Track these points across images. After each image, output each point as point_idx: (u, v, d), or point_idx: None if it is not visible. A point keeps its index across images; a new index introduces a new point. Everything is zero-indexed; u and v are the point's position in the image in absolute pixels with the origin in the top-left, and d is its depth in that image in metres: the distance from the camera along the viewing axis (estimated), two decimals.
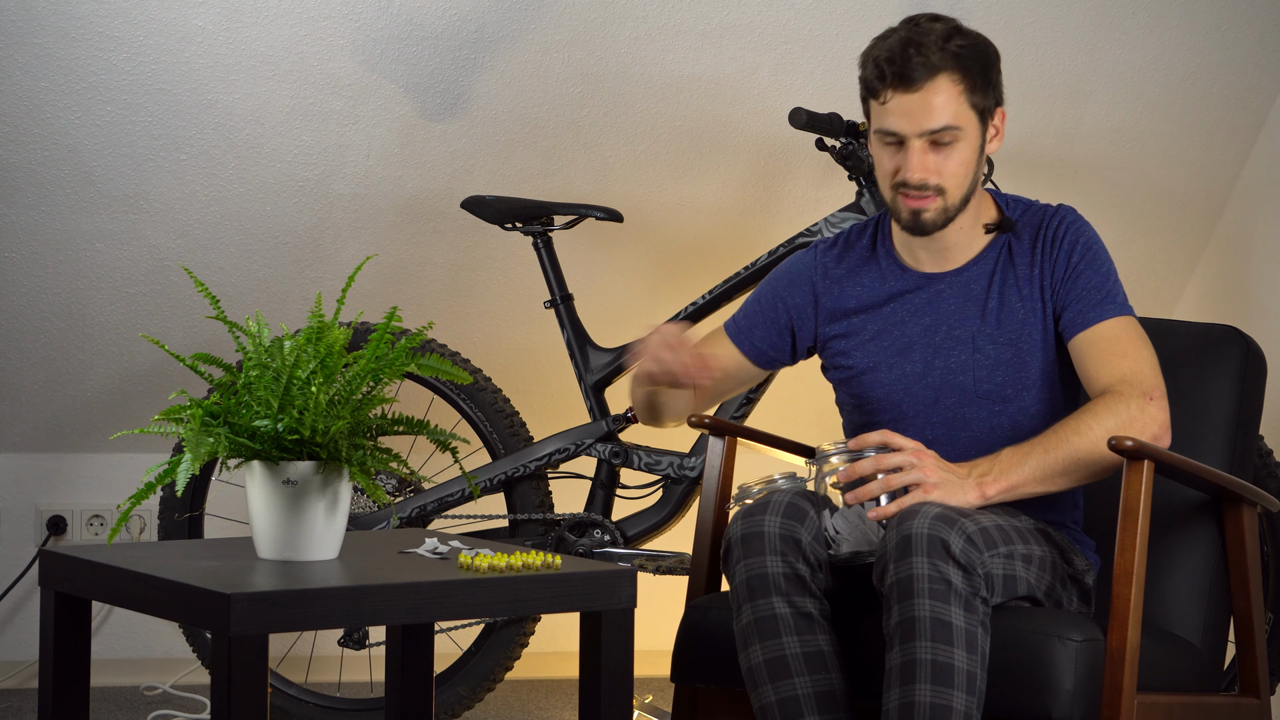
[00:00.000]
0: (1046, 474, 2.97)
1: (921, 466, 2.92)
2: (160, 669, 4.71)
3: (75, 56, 4.10)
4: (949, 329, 3.13)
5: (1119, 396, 2.99)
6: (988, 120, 3.10)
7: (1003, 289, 3.12)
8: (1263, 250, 4.69)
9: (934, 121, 3.03)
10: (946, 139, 3.05)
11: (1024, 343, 3.10)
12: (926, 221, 3.09)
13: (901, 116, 3.04)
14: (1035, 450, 2.97)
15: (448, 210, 4.42)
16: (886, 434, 2.94)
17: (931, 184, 3.06)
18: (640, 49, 4.32)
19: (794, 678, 2.89)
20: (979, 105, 3.07)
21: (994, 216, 3.16)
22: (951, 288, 3.15)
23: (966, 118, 3.06)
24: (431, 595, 2.66)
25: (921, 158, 3.05)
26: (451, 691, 4.16)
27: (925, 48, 3.03)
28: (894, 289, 3.18)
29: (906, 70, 3.02)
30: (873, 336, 3.17)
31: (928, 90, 3.03)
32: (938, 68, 3.03)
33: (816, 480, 2.99)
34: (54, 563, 2.86)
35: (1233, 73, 4.60)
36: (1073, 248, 3.11)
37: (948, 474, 2.94)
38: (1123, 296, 3.09)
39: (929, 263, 3.17)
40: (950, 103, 3.04)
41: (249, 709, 2.53)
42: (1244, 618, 3.16)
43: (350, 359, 2.81)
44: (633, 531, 4.11)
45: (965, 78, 3.05)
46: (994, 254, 3.15)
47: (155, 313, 4.48)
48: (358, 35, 4.19)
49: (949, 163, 3.06)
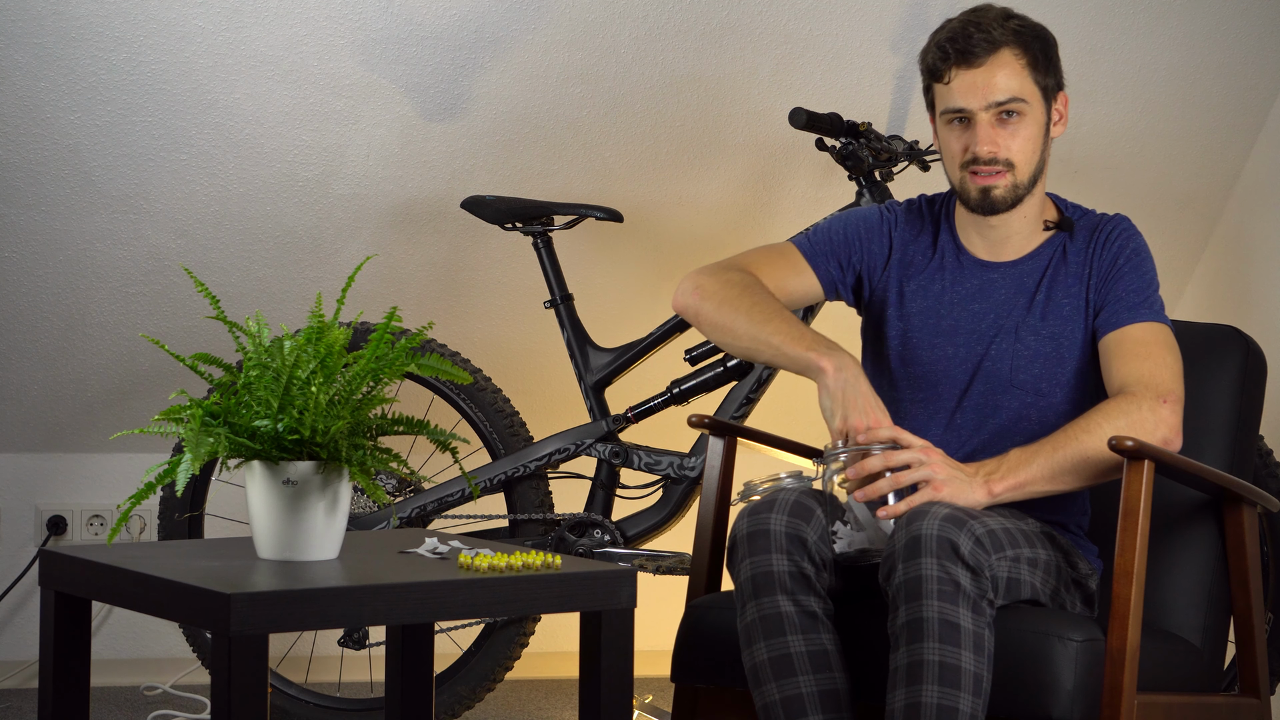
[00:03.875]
0: (1054, 472, 2.97)
1: (930, 464, 2.92)
2: (160, 669, 4.71)
3: (75, 56, 4.10)
4: (995, 318, 3.14)
5: (1131, 398, 2.99)
6: (1051, 101, 3.13)
7: (1052, 285, 3.14)
8: (1263, 250, 4.69)
9: (999, 94, 3.07)
10: (1013, 110, 3.08)
11: (1065, 339, 3.12)
12: (997, 199, 3.11)
13: (967, 91, 3.07)
14: (1043, 449, 2.97)
15: (447, 210, 4.42)
16: (897, 431, 2.94)
17: (1001, 158, 3.09)
18: (640, 49, 4.32)
19: (798, 676, 2.89)
20: (1041, 83, 3.11)
21: (1054, 216, 3.18)
22: (1005, 278, 3.16)
23: (1031, 92, 3.09)
24: (431, 595, 2.66)
25: (990, 131, 3.08)
26: (451, 691, 4.16)
27: (986, 25, 3.08)
28: (950, 270, 3.19)
29: (969, 46, 3.07)
30: (919, 311, 3.18)
31: (991, 64, 3.07)
32: (999, 42, 3.07)
33: (824, 479, 2.99)
34: (54, 563, 2.86)
35: (1233, 73, 4.60)
36: (1120, 251, 3.13)
37: (955, 472, 2.94)
38: (1160, 306, 3.11)
39: (986, 251, 3.18)
40: (1014, 76, 3.08)
41: (249, 709, 2.53)
42: (1244, 618, 3.16)
43: (350, 359, 2.81)
44: (633, 531, 4.11)
45: (1027, 53, 3.09)
46: (1049, 251, 3.17)
47: (155, 313, 4.48)
48: (358, 35, 4.19)
49: (1016, 138, 3.09)
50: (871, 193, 4.01)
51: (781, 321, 3.07)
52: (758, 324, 3.08)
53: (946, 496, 2.91)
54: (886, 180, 4.06)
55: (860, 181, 4.01)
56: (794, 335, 3.04)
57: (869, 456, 2.94)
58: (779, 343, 3.05)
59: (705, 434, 3.65)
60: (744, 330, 3.09)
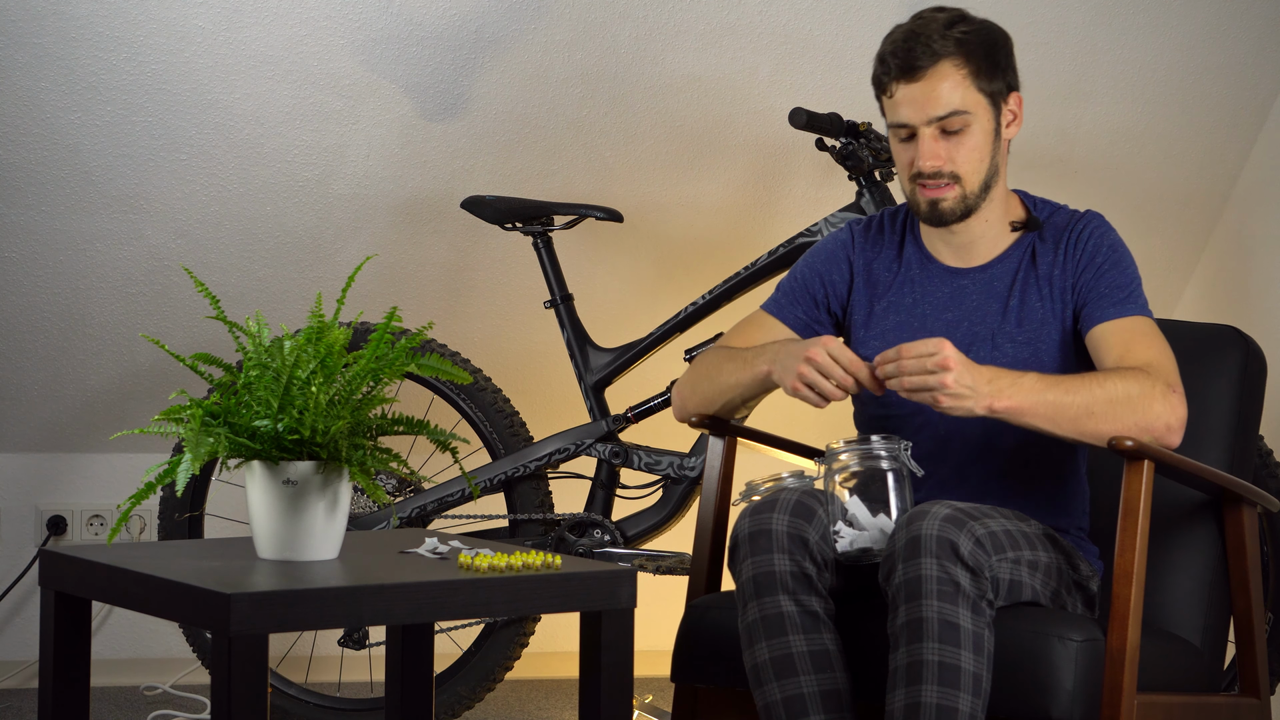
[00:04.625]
0: (1056, 413, 2.93)
1: (941, 376, 2.88)
2: (160, 669, 4.71)
3: (75, 56, 4.10)
4: (970, 325, 3.13)
5: (1147, 375, 2.97)
6: (1000, 105, 3.10)
7: (1024, 288, 3.12)
8: (1263, 250, 4.69)
9: (939, 108, 3.04)
10: (956, 125, 3.05)
11: (1042, 343, 3.10)
12: (945, 211, 3.08)
13: (908, 106, 3.05)
14: (1058, 386, 2.94)
15: (447, 210, 4.42)
16: (904, 345, 2.92)
17: (945, 171, 3.06)
18: (640, 49, 4.32)
19: (799, 676, 2.89)
20: (987, 89, 3.07)
21: (1021, 216, 3.16)
22: (975, 284, 3.15)
23: (974, 102, 3.06)
24: (431, 595, 2.66)
25: (932, 145, 3.05)
26: (451, 691, 4.16)
27: (927, 36, 3.04)
28: (920, 281, 3.17)
29: (910, 60, 3.04)
30: (894, 326, 3.17)
31: (931, 77, 3.04)
32: (939, 54, 3.04)
33: (825, 478, 2.99)
34: (54, 563, 2.86)
35: (1233, 73, 4.60)
36: (1097, 250, 3.10)
37: (965, 388, 2.89)
38: (1145, 301, 3.09)
39: (954, 258, 3.17)
40: (955, 88, 3.04)
41: (249, 709, 2.52)
42: (1244, 618, 3.16)
43: (350, 359, 2.81)
44: (633, 531, 4.11)
45: (969, 62, 3.05)
46: (1018, 253, 3.14)
47: (155, 313, 4.48)
48: (358, 35, 4.19)
49: (961, 149, 3.06)
50: (871, 193, 4.01)
51: (732, 362, 3.15)
52: (718, 378, 3.17)
53: (944, 408, 2.89)
54: (886, 180, 4.06)
55: (860, 181, 4.01)
56: (742, 363, 3.13)
57: (875, 450, 2.94)
58: (735, 380, 3.15)
59: (705, 434, 3.65)
60: (713, 392, 3.20)
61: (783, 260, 4.03)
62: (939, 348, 2.88)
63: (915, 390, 2.89)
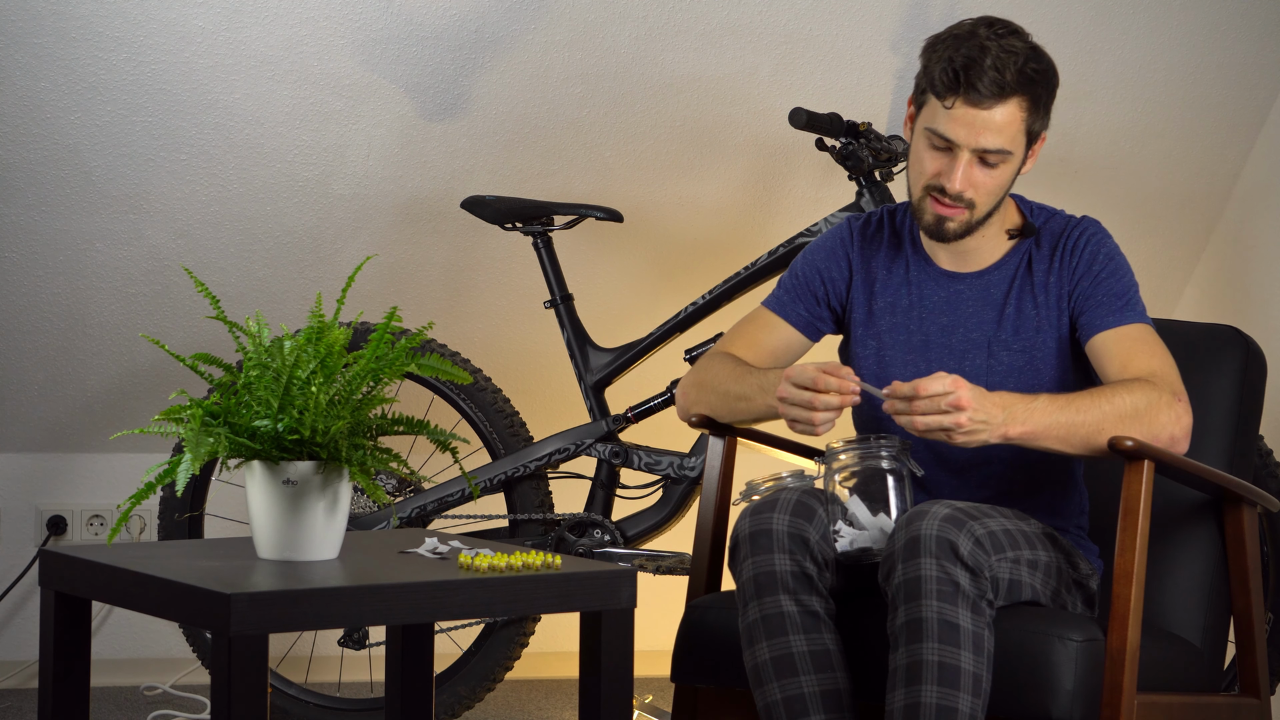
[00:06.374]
0: (1069, 434, 2.93)
1: (956, 417, 2.87)
2: (160, 669, 4.71)
3: (75, 56, 4.10)
4: (966, 332, 3.12)
5: (1153, 386, 2.97)
6: (1031, 145, 3.08)
7: (1020, 296, 3.12)
8: (1263, 250, 4.69)
9: (993, 142, 3.01)
10: (995, 160, 3.03)
11: (1038, 350, 3.10)
12: (949, 230, 3.07)
13: (964, 127, 3.01)
14: (1070, 407, 2.93)
15: (447, 210, 4.42)
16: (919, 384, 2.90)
17: (966, 197, 3.05)
18: (640, 49, 4.32)
19: (800, 676, 2.89)
20: (1030, 129, 3.05)
21: (1017, 222, 3.16)
22: (971, 289, 3.14)
23: (1019, 143, 3.04)
24: (431, 595, 2.66)
25: (969, 171, 3.03)
26: (451, 691, 4.16)
27: (1005, 67, 2.99)
28: (917, 282, 3.17)
29: (980, 86, 2.99)
30: (890, 328, 3.17)
31: (997, 110, 3.01)
32: (1014, 90, 3.00)
33: (825, 478, 2.99)
34: (54, 563, 2.86)
35: (1233, 73, 4.60)
36: (1094, 257, 3.10)
37: (980, 423, 2.88)
38: (1143, 308, 3.09)
39: (951, 262, 3.16)
40: (1010, 126, 3.02)
41: (249, 709, 2.53)
42: (1244, 618, 3.16)
43: (350, 359, 2.81)
44: (633, 531, 4.11)
45: (1031, 103, 3.03)
46: (1015, 260, 3.14)
47: (155, 313, 4.48)
48: (358, 35, 4.19)
49: (989, 181, 3.04)
50: (871, 193, 4.01)
51: (740, 385, 3.15)
52: (732, 404, 3.17)
53: (960, 444, 2.89)
54: (886, 180, 4.06)
55: (860, 181, 4.01)
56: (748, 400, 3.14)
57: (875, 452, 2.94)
58: (745, 408, 3.16)
59: (705, 434, 3.65)
60: (723, 410, 3.19)
61: (783, 260, 4.03)
62: (954, 387, 2.86)
63: (929, 430, 2.88)
